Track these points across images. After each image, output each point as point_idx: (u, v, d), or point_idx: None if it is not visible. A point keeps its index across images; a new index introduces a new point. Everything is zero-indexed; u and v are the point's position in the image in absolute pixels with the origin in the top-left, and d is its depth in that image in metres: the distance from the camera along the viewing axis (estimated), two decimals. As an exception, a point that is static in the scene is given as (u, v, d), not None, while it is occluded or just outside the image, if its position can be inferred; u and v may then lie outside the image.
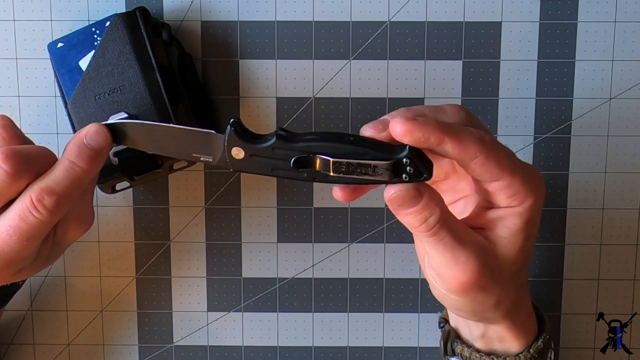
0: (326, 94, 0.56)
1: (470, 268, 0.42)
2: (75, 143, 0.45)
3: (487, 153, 0.41)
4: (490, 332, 0.49)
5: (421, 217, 0.41)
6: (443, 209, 0.42)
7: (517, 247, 0.44)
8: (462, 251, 0.42)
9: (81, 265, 0.58)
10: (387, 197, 0.42)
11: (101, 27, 0.51)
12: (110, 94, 0.51)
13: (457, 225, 0.43)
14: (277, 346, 0.59)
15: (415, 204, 0.41)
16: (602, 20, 0.55)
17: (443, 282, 0.44)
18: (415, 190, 0.41)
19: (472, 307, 0.45)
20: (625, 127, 0.56)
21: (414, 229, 0.42)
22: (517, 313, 0.47)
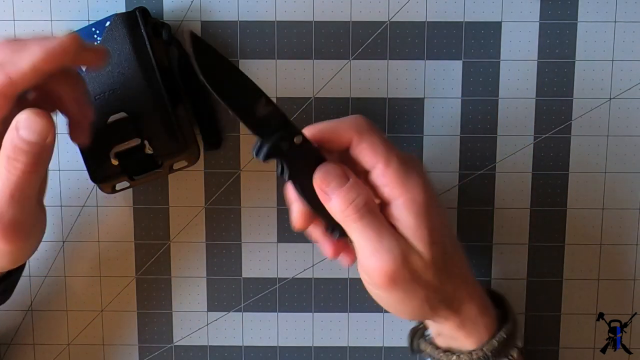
0: (326, 94, 0.56)
1: (396, 255, 0.43)
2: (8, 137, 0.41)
3: (361, 137, 0.44)
4: (444, 331, 0.49)
5: (349, 197, 0.43)
6: (369, 195, 0.44)
7: (425, 240, 0.44)
8: (388, 238, 0.43)
9: (81, 265, 0.58)
10: (316, 176, 0.44)
11: (101, 27, 0.51)
12: (110, 94, 0.51)
13: (381, 215, 0.44)
14: (277, 346, 0.59)
15: (342, 183, 0.43)
16: (602, 20, 0.55)
17: (371, 277, 0.44)
18: (342, 170, 0.44)
19: (404, 304, 0.46)
20: (625, 127, 0.56)
21: (343, 212, 0.43)
22: (463, 311, 0.48)
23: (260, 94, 0.43)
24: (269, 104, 0.43)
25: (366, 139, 0.44)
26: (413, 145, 0.56)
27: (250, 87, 0.43)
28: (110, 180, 0.52)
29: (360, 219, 0.43)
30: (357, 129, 0.44)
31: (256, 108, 0.43)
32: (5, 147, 0.41)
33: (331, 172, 0.44)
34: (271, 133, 0.43)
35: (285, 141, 0.44)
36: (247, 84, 0.43)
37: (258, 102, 0.43)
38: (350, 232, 0.44)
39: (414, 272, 0.44)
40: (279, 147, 0.43)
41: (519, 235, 0.57)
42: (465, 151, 0.56)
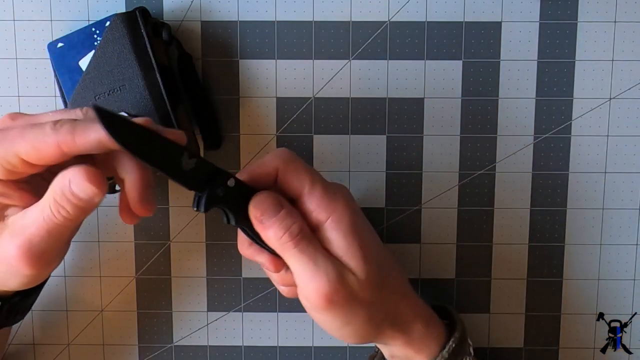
0: (326, 94, 0.56)
1: (332, 277, 0.45)
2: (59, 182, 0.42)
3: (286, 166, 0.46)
4: (395, 351, 0.50)
5: (284, 225, 0.44)
6: (302, 220, 0.45)
7: (358, 258, 0.46)
8: (322, 261, 0.45)
9: (81, 265, 0.58)
10: (251, 207, 0.45)
11: (101, 27, 0.51)
12: (110, 94, 0.51)
13: (315, 240, 0.46)
14: (277, 346, 0.59)
15: (277, 211, 0.45)
16: (602, 20, 0.55)
17: (310, 300, 0.46)
18: (276, 199, 0.45)
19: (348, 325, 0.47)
20: (625, 127, 0.56)
21: (279, 240, 0.45)
22: (408, 328, 0.49)
23: (182, 150, 0.43)
24: (193, 156, 0.44)
25: (290, 167, 0.46)
26: (413, 145, 0.56)
27: (171, 145, 0.43)
28: (110, 180, 0.52)
29: (295, 246, 0.45)
30: (280, 160, 0.46)
31: (182, 164, 0.43)
32: (55, 190, 0.42)
33: (264, 201, 0.45)
34: (204, 183, 0.44)
35: (219, 187, 0.45)
36: (167, 143, 0.43)
37: (182, 158, 0.43)
38: (287, 259, 0.46)
39: (351, 291, 0.45)
40: (216, 195, 0.45)
41: (519, 236, 0.57)
42: (465, 151, 0.56)
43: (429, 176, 0.56)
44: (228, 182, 0.45)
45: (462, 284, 0.58)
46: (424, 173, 0.56)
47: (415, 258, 0.57)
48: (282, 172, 0.46)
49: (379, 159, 0.56)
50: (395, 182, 0.56)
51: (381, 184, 0.56)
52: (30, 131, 0.42)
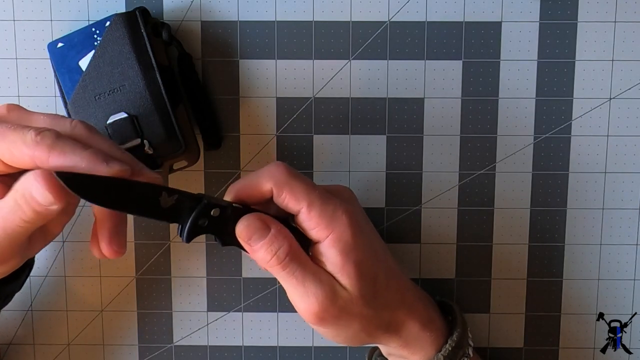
0: (326, 94, 0.56)
1: (320, 298, 0.45)
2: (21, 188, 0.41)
3: (279, 188, 0.45)
4: (391, 351, 0.51)
5: (271, 250, 0.45)
6: (291, 243, 0.45)
7: (352, 275, 0.46)
8: (311, 281, 0.45)
9: (81, 265, 0.58)
10: (238, 231, 0.45)
11: (101, 27, 0.51)
12: (110, 94, 0.51)
13: (305, 259, 0.46)
14: (277, 346, 0.59)
15: (264, 235, 0.45)
16: (602, 20, 0.55)
17: (302, 315, 0.46)
18: (262, 222, 0.45)
19: (341, 336, 0.48)
20: (625, 127, 0.56)
21: (267, 263, 0.45)
22: (403, 331, 0.49)
23: (160, 190, 0.43)
24: (172, 193, 0.44)
25: (285, 188, 0.45)
26: (413, 145, 0.56)
27: (147, 188, 0.43)
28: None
29: (283, 269, 0.45)
30: (274, 181, 0.46)
31: (160, 203, 0.43)
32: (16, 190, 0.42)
33: (251, 225, 0.45)
34: (188, 214, 0.44)
35: (203, 218, 0.45)
36: (143, 188, 0.43)
37: (160, 198, 0.43)
38: (277, 277, 0.46)
39: (342, 309, 0.46)
40: (198, 226, 0.45)
41: (519, 236, 0.57)
42: (465, 151, 0.56)
43: (429, 176, 0.56)
44: (212, 212, 0.45)
45: (462, 284, 0.58)
46: (424, 173, 0.56)
47: (415, 258, 0.57)
48: (276, 194, 0.46)
49: (379, 159, 0.56)
50: (395, 182, 0.56)
51: (381, 184, 0.56)
52: (12, 133, 0.41)
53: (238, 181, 0.47)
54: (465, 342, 0.51)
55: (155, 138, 0.51)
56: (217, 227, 0.45)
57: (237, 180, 0.47)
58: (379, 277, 0.47)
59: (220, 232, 0.46)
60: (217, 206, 0.45)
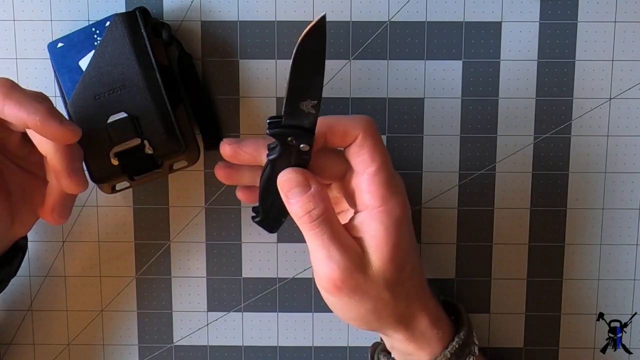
0: (326, 94, 0.56)
1: (342, 266, 0.45)
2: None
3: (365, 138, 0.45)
4: (396, 345, 0.50)
5: (307, 207, 0.45)
6: (327, 206, 0.45)
7: (384, 256, 0.46)
8: (337, 249, 0.45)
9: (81, 265, 0.58)
10: (280, 180, 0.46)
11: (101, 27, 0.51)
12: (110, 94, 0.51)
13: (337, 225, 0.46)
14: (277, 346, 0.59)
15: (303, 192, 0.45)
16: (602, 20, 0.55)
17: (319, 280, 0.46)
18: (304, 178, 0.45)
19: (350, 312, 0.47)
20: (625, 127, 0.56)
21: (300, 218, 0.45)
22: (411, 325, 0.49)
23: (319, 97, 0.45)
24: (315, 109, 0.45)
25: (369, 141, 0.45)
26: (413, 145, 0.56)
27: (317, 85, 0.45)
28: (110, 180, 0.52)
29: (313, 228, 0.45)
30: (364, 131, 0.46)
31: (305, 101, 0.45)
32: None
33: (294, 179, 0.45)
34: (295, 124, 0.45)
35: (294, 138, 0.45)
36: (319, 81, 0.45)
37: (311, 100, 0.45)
38: (305, 236, 0.46)
39: (361, 283, 0.46)
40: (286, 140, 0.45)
41: (519, 235, 0.57)
42: (465, 151, 0.56)
43: (429, 176, 0.56)
44: (302, 145, 0.45)
45: (462, 284, 0.58)
46: (424, 173, 0.56)
47: (415, 258, 0.57)
48: (359, 143, 0.46)
49: (379, 159, 0.56)
50: (395, 182, 0.56)
51: (381, 184, 0.56)
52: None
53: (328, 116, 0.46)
54: (472, 340, 0.51)
55: (155, 138, 0.51)
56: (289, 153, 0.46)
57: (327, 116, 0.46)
58: (406, 267, 0.47)
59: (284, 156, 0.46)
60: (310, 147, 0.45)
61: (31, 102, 0.45)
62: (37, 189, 0.50)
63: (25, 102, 0.44)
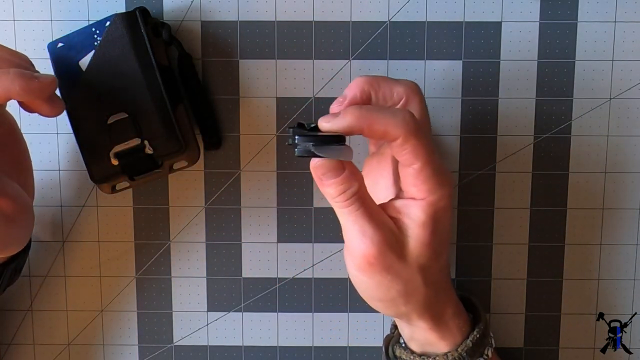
0: (326, 94, 0.56)
1: (376, 242, 0.45)
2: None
3: (408, 139, 0.44)
4: (417, 335, 0.50)
5: (340, 188, 0.45)
6: (361, 185, 0.45)
7: (421, 240, 0.46)
8: (371, 225, 0.45)
9: (81, 265, 0.58)
10: (312, 164, 0.45)
11: (101, 27, 0.51)
12: (110, 94, 0.51)
13: (371, 203, 0.46)
14: (277, 346, 0.59)
15: (336, 175, 0.45)
16: (602, 20, 0.55)
17: (351, 258, 0.46)
18: (338, 163, 0.45)
19: (379, 291, 0.47)
20: (625, 127, 0.56)
21: (334, 199, 0.45)
22: (436, 314, 0.49)
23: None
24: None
25: (411, 141, 0.44)
26: (413, 145, 0.56)
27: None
28: (110, 180, 0.52)
29: (348, 206, 0.45)
30: (405, 131, 0.44)
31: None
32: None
33: (327, 164, 0.45)
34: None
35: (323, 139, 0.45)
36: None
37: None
38: (339, 216, 0.46)
39: (394, 263, 0.46)
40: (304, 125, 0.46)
41: (519, 235, 0.57)
42: (465, 151, 0.56)
43: (429, 176, 0.56)
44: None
45: (462, 283, 0.58)
46: (424, 173, 0.56)
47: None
48: (400, 143, 0.44)
49: (379, 159, 0.56)
50: (395, 182, 0.56)
51: (381, 184, 0.56)
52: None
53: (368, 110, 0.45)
54: (488, 332, 0.51)
55: (155, 138, 0.51)
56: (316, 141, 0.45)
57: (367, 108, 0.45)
58: (441, 256, 0.47)
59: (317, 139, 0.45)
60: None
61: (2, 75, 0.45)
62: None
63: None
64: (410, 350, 0.51)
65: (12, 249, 0.49)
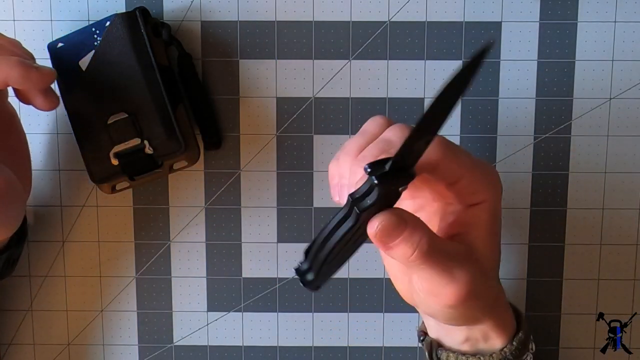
0: (326, 94, 0.56)
1: (466, 280, 0.43)
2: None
3: (445, 154, 0.42)
4: (475, 334, 0.49)
5: (412, 244, 0.40)
6: (428, 231, 0.41)
7: (489, 243, 0.45)
8: (454, 266, 0.42)
9: (81, 265, 0.58)
10: (372, 232, 0.40)
11: (101, 27, 0.51)
12: (110, 94, 0.51)
13: (443, 244, 0.42)
14: (277, 346, 0.59)
15: (401, 232, 0.40)
16: (602, 20, 0.55)
17: (439, 300, 0.43)
18: (399, 217, 0.40)
19: (466, 314, 0.46)
20: (625, 127, 0.56)
21: (408, 260, 0.41)
22: (497, 309, 0.48)
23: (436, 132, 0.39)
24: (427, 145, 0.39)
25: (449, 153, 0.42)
26: (413, 145, 0.56)
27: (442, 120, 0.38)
28: (110, 180, 0.52)
29: (424, 262, 0.41)
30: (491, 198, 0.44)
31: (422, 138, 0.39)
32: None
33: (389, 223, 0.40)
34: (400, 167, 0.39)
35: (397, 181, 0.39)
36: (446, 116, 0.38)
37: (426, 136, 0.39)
38: (418, 273, 0.43)
39: (481, 284, 0.44)
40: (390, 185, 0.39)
41: (519, 235, 0.57)
42: (465, 151, 0.56)
43: (429, 176, 0.56)
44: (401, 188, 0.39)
45: (462, 284, 0.58)
46: (424, 173, 0.56)
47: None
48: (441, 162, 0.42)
49: (379, 159, 0.56)
50: (395, 182, 0.56)
51: (381, 184, 0.56)
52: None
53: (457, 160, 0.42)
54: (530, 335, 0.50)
55: (155, 138, 0.51)
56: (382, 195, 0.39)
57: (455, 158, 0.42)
58: (500, 255, 0.47)
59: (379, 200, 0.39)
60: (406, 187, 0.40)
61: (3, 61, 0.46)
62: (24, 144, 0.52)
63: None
64: (460, 352, 0.49)
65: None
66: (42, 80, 0.47)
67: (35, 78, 0.47)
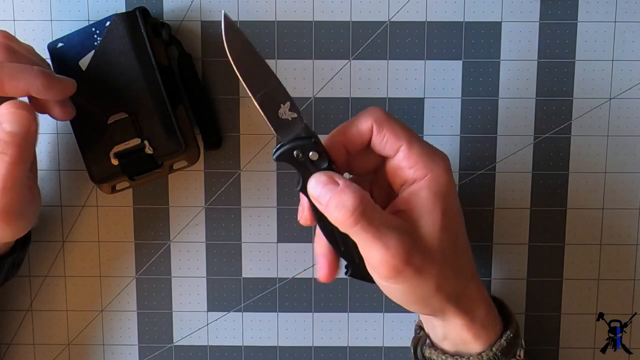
0: (326, 94, 0.56)
1: (400, 249, 0.43)
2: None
3: (380, 125, 0.45)
4: (452, 334, 0.49)
5: (341, 201, 0.43)
6: (363, 195, 0.43)
7: (437, 224, 0.45)
8: (389, 235, 0.43)
9: (81, 265, 0.58)
10: (309, 188, 0.44)
11: (101, 27, 0.51)
12: (110, 94, 0.51)
13: (378, 212, 0.44)
14: (277, 346, 0.59)
15: (331, 190, 0.43)
16: (602, 20, 0.55)
17: (378, 272, 0.44)
18: (329, 177, 0.44)
19: (414, 294, 0.46)
20: (625, 127, 0.56)
21: (340, 220, 0.43)
22: (470, 309, 0.48)
23: (286, 98, 0.45)
24: (294, 111, 0.45)
25: (385, 125, 0.45)
26: (413, 145, 0.56)
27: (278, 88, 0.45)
28: (110, 180, 0.52)
29: (357, 222, 0.43)
30: (374, 118, 0.46)
31: (280, 109, 0.45)
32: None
33: (319, 181, 0.44)
34: (291, 138, 0.45)
35: (299, 151, 0.45)
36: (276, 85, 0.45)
37: (283, 104, 0.45)
38: (352, 235, 0.44)
39: (421, 262, 0.44)
40: (292, 155, 0.45)
41: (519, 235, 0.57)
42: (465, 151, 0.56)
43: (429, 176, 0.56)
44: (311, 153, 0.45)
45: (462, 284, 0.58)
46: (424, 173, 0.56)
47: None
48: (377, 131, 0.46)
49: (379, 159, 0.56)
50: (395, 182, 0.56)
51: (381, 184, 0.56)
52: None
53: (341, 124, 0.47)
54: (519, 333, 0.50)
55: (155, 138, 0.51)
56: (307, 171, 0.45)
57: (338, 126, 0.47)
58: (459, 237, 0.46)
59: (305, 177, 0.45)
60: (320, 152, 0.45)
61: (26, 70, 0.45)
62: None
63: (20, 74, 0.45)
64: (441, 351, 0.50)
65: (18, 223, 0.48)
66: (63, 91, 0.47)
67: (57, 89, 0.47)
